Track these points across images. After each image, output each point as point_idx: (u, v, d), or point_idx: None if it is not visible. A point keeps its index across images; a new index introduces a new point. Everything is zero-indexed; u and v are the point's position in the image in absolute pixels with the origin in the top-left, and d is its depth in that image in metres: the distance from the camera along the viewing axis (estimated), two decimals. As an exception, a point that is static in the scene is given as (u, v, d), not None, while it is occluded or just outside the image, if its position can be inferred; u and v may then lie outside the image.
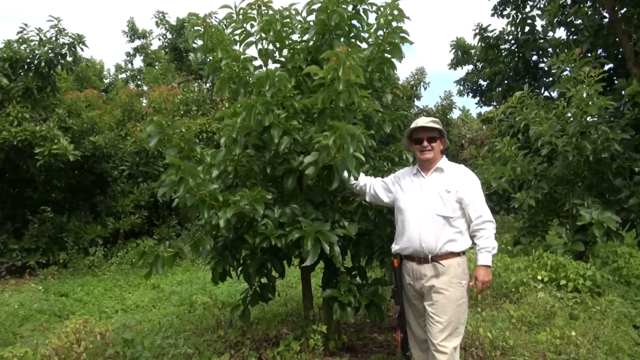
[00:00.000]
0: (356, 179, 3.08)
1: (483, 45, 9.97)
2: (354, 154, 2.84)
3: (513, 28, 9.56)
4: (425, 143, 2.81)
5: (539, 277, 4.85)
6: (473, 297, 4.47)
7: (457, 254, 2.70)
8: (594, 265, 5.04)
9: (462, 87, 12.81)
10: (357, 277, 3.61)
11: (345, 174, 2.97)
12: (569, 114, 6.00)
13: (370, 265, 3.88)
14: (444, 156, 2.90)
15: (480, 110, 12.67)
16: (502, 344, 3.55)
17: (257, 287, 3.63)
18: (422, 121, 2.85)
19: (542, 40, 9.45)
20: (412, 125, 2.89)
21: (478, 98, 12.19)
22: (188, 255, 3.10)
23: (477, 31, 9.94)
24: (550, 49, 9.34)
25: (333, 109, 3.06)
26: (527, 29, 9.49)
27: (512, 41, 9.62)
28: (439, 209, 2.70)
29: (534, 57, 9.67)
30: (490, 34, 9.85)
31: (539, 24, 9.50)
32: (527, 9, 9.57)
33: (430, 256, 2.69)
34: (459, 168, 2.85)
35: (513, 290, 4.70)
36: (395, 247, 2.89)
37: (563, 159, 5.88)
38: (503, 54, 9.82)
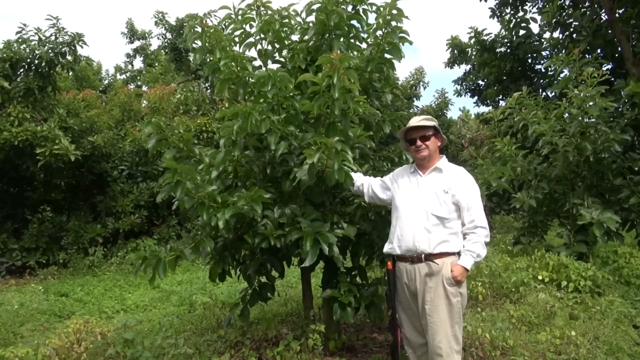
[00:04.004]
0: (352, 184, 3.07)
1: (479, 48, 10.00)
2: (343, 164, 2.84)
3: (507, 32, 9.60)
4: (419, 142, 2.79)
5: (540, 277, 4.86)
6: (473, 297, 4.48)
7: (452, 254, 2.67)
8: (594, 266, 5.05)
9: (460, 87, 12.83)
10: (357, 277, 3.62)
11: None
12: (568, 114, 6.01)
13: (370, 265, 3.89)
14: (444, 157, 2.88)
15: (478, 109, 12.70)
16: (502, 344, 3.55)
17: (257, 287, 3.63)
18: (414, 121, 2.84)
19: (537, 42, 9.49)
20: (404, 128, 2.90)
21: (476, 98, 12.21)
22: (189, 258, 3.12)
23: (472, 35, 9.96)
24: (545, 52, 9.39)
25: (329, 114, 3.06)
26: (521, 32, 9.52)
27: (508, 44, 9.66)
28: (435, 208, 2.68)
29: (529, 59, 9.72)
30: (485, 38, 9.88)
31: (534, 26, 9.58)
32: (524, 11, 9.62)
33: (423, 255, 2.66)
34: (459, 170, 2.82)
35: (513, 290, 4.70)
36: (387, 247, 2.85)
37: (564, 159, 5.88)
38: (498, 57, 9.85)
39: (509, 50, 9.69)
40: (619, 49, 7.49)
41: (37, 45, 8.71)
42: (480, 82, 11.87)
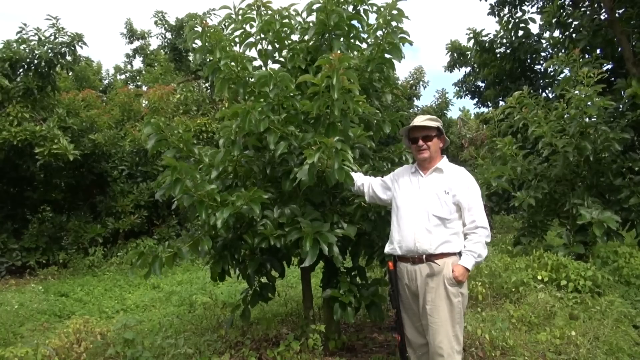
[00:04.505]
0: (352, 184, 3.07)
1: (478, 49, 10.01)
2: (343, 164, 2.84)
3: (506, 33, 9.61)
4: (421, 142, 2.79)
5: (539, 277, 4.86)
6: (473, 297, 4.48)
7: (453, 254, 2.67)
8: (594, 265, 5.04)
9: (459, 89, 12.86)
10: (357, 277, 3.62)
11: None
12: (568, 114, 6.01)
13: (370, 265, 3.88)
14: (445, 157, 2.88)
15: (478, 110, 12.73)
16: (502, 344, 3.55)
17: (257, 287, 3.64)
18: (417, 120, 2.84)
19: (536, 42, 9.50)
20: (407, 126, 2.90)
21: (476, 99, 12.23)
22: (186, 256, 3.12)
23: (471, 35, 9.97)
24: (544, 52, 9.40)
25: (329, 114, 3.06)
26: (520, 32, 9.53)
27: (507, 44, 9.66)
28: (436, 209, 2.68)
29: (529, 59, 9.72)
30: (484, 38, 9.88)
31: (533, 26, 9.59)
32: (524, 10, 9.61)
33: (424, 256, 2.66)
34: (460, 170, 2.82)
35: (513, 290, 4.70)
36: (388, 247, 2.85)
37: (563, 159, 5.89)
38: (498, 57, 9.85)
39: (508, 51, 9.70)
40: (619, 49, 7.49)
41: (36, 45, 8.70)
42: (480, 83, 11.88)
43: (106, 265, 8.93)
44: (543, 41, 9.57)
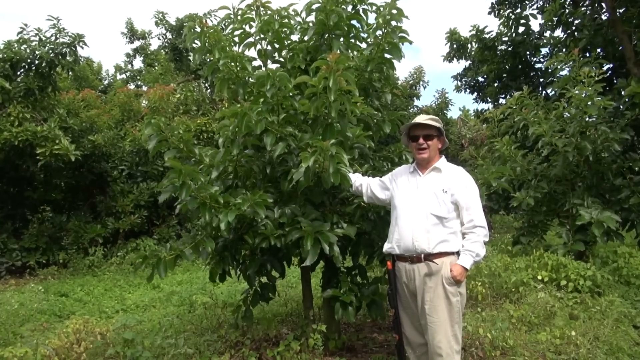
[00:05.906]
0: (350, 185, 3.07)
1: (480, 46, 9.99)
2: (339, 167, 2.84)
3: (506, 29, 9.59)
4: (421, 140, 2.79)
5: (539, 277, 4.85)
6: (473, 297, 4.47)
7: (451, 254, 2.67)
8: (594, 265, 5.04)
9: (459, 83, 12.78)
10: (357, 276, 3.62)
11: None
12: (568, 114, 6.00)
13: (370, 264, 3.89)
14: (443, 157, 2.88)
15: (477, 106, 12.62)
16: (502, 344, 3.55)
17: (258, 287, 3.64)
18: (420, 119, 2.85)
19: (537, 39, 9.48)
20: (409, 123, 2.90)
21: (476, 94, 12.17)
22: (189, 257, 3.11)
23: (474, 32, 9.95)
24: (544, 49, 9.38)
25: (327, 115, 3.06)
26: (521, 29, 9.52)
27: (509, 42, 9.65)
28: (434, 208, 2.68)
29: (528, 55, 9.70)
30: (486, 36, 9.87)
31: (534, 23, 9.56)
32: (524, 7, 9.59)
33: (422, 255, 2.66)
34: (458, 170, 2.82)
35: (513, 290, 4.70)
36: (387, 246, 2.86)
37: (563, 159, 5.88)
38: (499, 55, 9.84)
39: (510, 49, 9.69)
40: (620, 48, 7.48)
41: (37, 45, 8.71)
42: (480, 78, 11.83)
43: (106, 265, 8.93)
44: (543, 38, 9.56)
